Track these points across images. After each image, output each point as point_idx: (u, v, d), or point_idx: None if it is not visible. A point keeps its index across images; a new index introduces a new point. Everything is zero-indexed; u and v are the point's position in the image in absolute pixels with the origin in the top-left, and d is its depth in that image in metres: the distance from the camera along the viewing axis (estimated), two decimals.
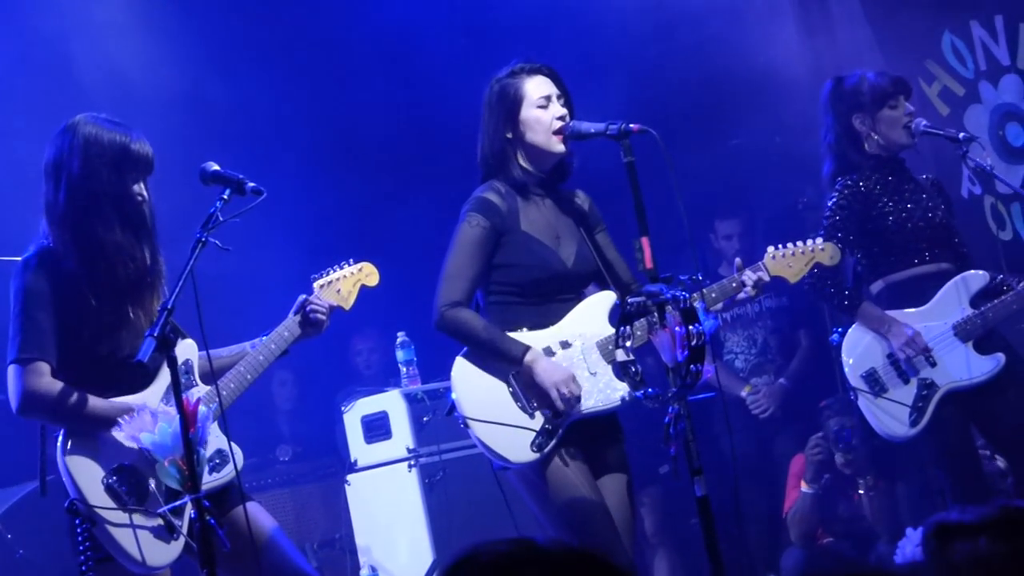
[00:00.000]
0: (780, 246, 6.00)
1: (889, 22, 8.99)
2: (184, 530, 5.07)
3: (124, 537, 5.06)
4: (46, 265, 5.16)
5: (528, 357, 5.59)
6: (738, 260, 5.93)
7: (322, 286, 5.61)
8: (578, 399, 5.59)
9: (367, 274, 5.75)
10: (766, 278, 5.88)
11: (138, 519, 5.07)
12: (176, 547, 5.06)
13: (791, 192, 9.05)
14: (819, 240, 6.11)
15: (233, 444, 5.27)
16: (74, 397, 5.08)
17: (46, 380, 5.07)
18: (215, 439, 5.22)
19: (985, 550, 2.58)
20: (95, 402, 5.10)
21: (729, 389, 8.57)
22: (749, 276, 5.82)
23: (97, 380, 5.10)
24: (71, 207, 5.17)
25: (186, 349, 5.33)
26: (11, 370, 5.13)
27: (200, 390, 5.29)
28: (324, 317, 5.49)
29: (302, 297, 5.50)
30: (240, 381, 5.36)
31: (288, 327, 5.45)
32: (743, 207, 9.06)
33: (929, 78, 8.96)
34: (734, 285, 5.81)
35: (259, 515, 5.35)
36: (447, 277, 5.65)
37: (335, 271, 5.68)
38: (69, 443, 5.13)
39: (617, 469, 5.76)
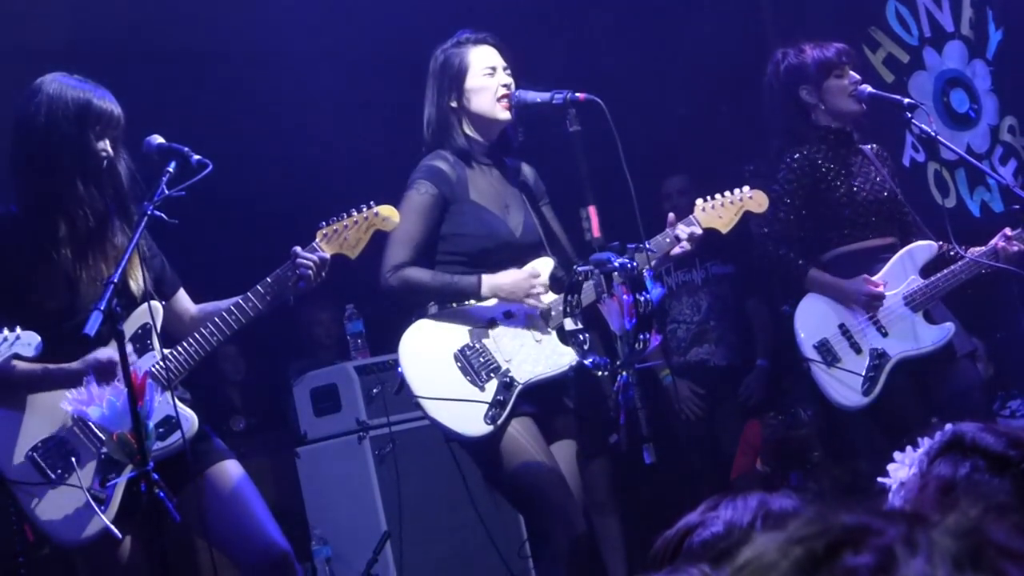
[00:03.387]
0: (709, 197, 6.00)
1: None
2: (116, 502, 5.04)
3: (45, 510, 5.05)
4: (9, 226, 5.16)
5: (485, 287, 5.64)
6: (671, 215, 5.93)
7: (325, 235, 5.39)
8: (546, 287, 5.66)
9: (383, 218, 5.49)
10: (698, 231, 5.88)
11: (63, 491, 5.04)
12: (100, 520, 5.02)
13: (738, 161, 9.07)
14: (746, 188, 6.11)
15: (187, 408, 5.26)
16: (10, 371, 5.04)
17: None
18: (164, 406, 5.14)
19: (959, 478, 2.54)
20: (23, 373, 5.06)
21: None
22: (682, 230, 5.83)
23: (61, 338, 5.02)
24: (32, 164, 5.16)
25: (143, 314, 5.23)
26: None
27: (156, 355, 5.22)
28: (312, 271, 5.28)
29: (294, 249, 5.33)
30: (203, 344, 5.25)
31: (271, 283, 5.29)
32: (686, 168, 9.05)
33: (874, 45, 8.99)
34: (668, 240, 5.81)
35: (229, 476, 5.32)
36: (392, 243, 5.64)
37: (344, 218, 5.45)
38: None
39: (565, 436, 5.79)
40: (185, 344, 5.26)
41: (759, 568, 1.26)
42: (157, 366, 5.21)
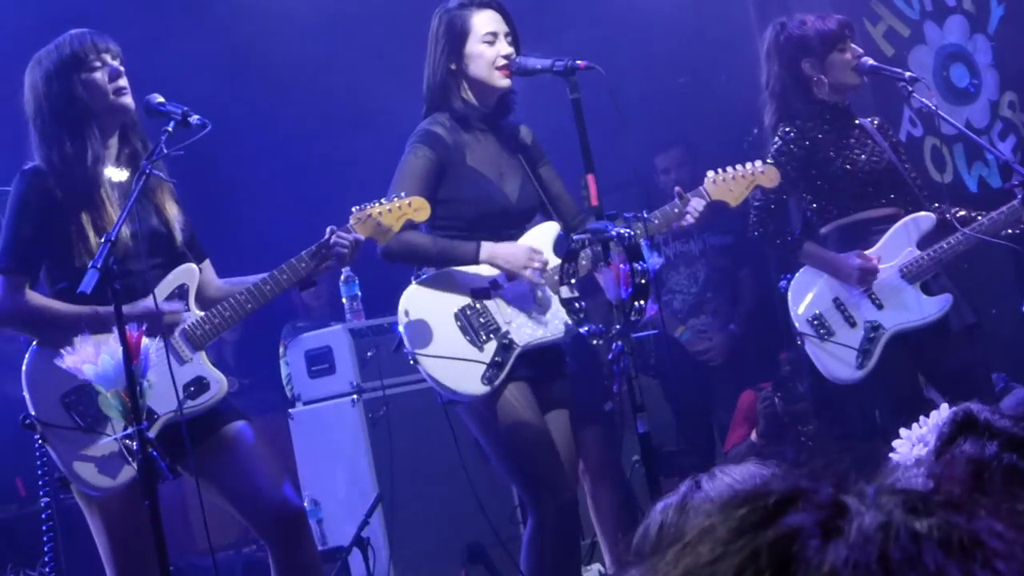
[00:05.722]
0: (720, 170, 6.00)
1: None
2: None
3: (75, 457, 5.12)
4: (39, 179, 5.22)
5: (484, 253, 5.64)
6: (678, 188, 5.95)
7: (359, 218, 5.42)
8: (546, 264, 5.65)
9: (416, 209, 5.49)
10: (706, 200, 5.89)
11: (93, 439, 5.09)
12: (130, 470, 5.05)
13: (737, 131, 9.06)
14: (759, 163, 6.11)
15: (217, 371, 5.37)
16: (51, 309, 5.17)
17: (21, 294, 5.18)
18: (196, 366, 5.27)
19: (989, 458, 2.54)
20: (71, 311, 5.12)
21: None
22: (690, 201, 5.84)
23: (86, 298, 4.98)
24: (36, 141, 5.25)
25: (182, 273, 5.33)
26: None
27: (192, 316, 5.30)
28: (347, 251, 5.34)
29: (330, 228, 5.37)
30: (237, 310, 5.33)
31: (306, 258, 5.34)
32: (680, 140, 9.05)
33: (874, 18, 8.97)
34: (676, 211, 5.82)
35: (243, 435, 5.38)
36: None
37: (379, 204, 5.46)
38: (36, 357, 5.20)
39: (562, 404, 5.81)
40: (219, 308, 5.32)
41: (697, 536, 1.25)
42: (190, 326, 5.28)
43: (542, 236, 5.82)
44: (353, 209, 5.44)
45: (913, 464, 2.62)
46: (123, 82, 5.26)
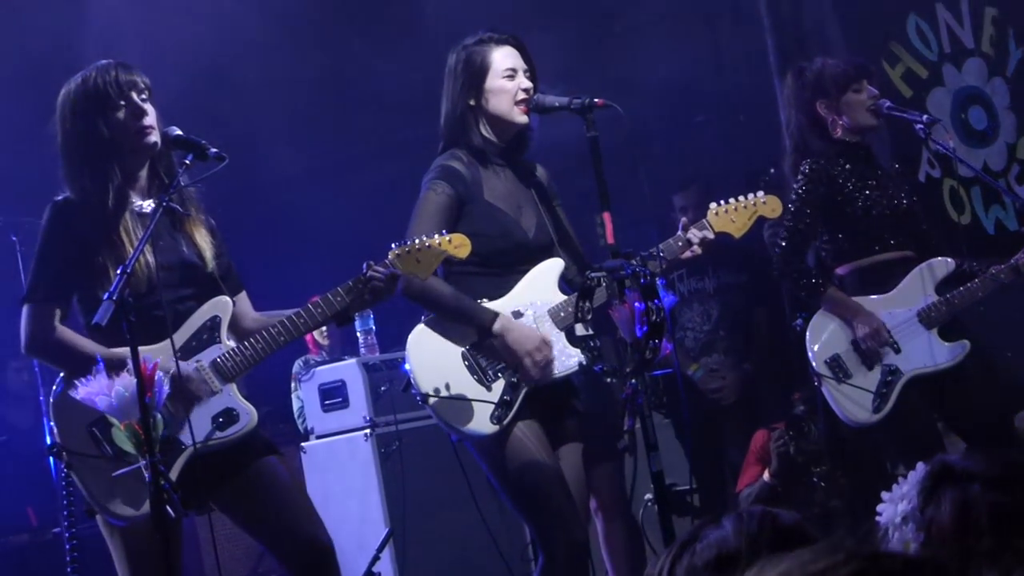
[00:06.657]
0: (723, 201, 5.94)
1: (855, 3, 9.01)
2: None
3: (101, 485, 5.10)
4: (68, 209, 5.24)
5: (498, 325, 5.58)
6: (684, 220, 5.91)
7: (399, 255, 5.33)
8: (550, 363, 5.60)
9: (456, 246, 5.43)
10: (711, 235, 5.85)
11: (118, 469, 5.05)
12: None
13: (754, 170, 9.06)
14: (760, 193, 6.07)
15: (247, 403, 5.30)
16: (77, 345, 5.17)
17: (52, 325, 5.19)
18: (226, 398, 5.23)
19: (973, 498, 2.57)
20: (94, 351, 5.11)
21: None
22: (695, 234, 5.80)
23: (113, 330, 4.95)
24: (64, 170, 5.26)
25: (214, 306, 5.32)
26: (24, 309, 5.25)
27: (223, 348, 5.28)
28: (383, 286, 5.28)
29: (367, 263, 5.32)
30: (269, 343, 5.29)
31: (341, 293, 5.29)
32: (697, 178, 9.06)
33: (893, 60, 8.98)
34: (680, 244, 5.79)
35: (274, 469, 5.35)
36: None
37: (419, 240, 5.37)
38: (64, 388, 5.19)
39: (573, 439, 5.78)
40: (251, 341, 5.29)
41: (820, 570, 1.28)
42: (221, 358, 5.26)
43: (547, 272, 5.80)
44: (392, 245, 5.38)
45: (900, 522, 2.63)
46: (148, 121, 5.23)
